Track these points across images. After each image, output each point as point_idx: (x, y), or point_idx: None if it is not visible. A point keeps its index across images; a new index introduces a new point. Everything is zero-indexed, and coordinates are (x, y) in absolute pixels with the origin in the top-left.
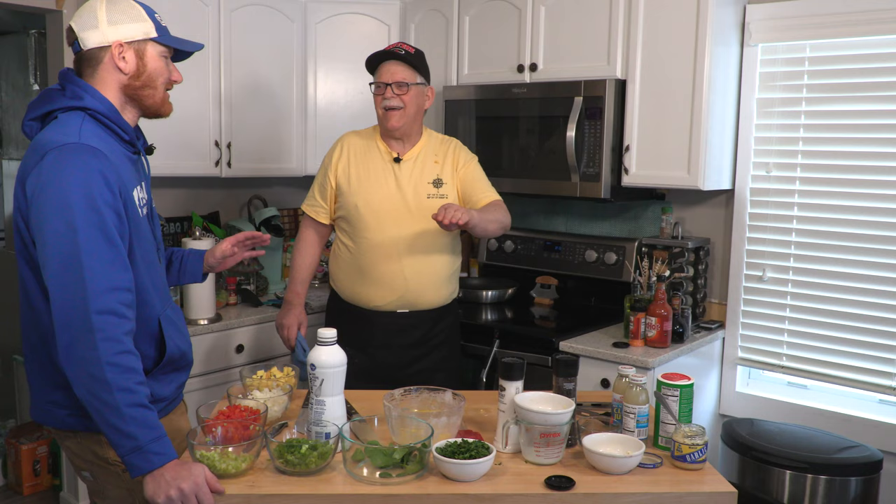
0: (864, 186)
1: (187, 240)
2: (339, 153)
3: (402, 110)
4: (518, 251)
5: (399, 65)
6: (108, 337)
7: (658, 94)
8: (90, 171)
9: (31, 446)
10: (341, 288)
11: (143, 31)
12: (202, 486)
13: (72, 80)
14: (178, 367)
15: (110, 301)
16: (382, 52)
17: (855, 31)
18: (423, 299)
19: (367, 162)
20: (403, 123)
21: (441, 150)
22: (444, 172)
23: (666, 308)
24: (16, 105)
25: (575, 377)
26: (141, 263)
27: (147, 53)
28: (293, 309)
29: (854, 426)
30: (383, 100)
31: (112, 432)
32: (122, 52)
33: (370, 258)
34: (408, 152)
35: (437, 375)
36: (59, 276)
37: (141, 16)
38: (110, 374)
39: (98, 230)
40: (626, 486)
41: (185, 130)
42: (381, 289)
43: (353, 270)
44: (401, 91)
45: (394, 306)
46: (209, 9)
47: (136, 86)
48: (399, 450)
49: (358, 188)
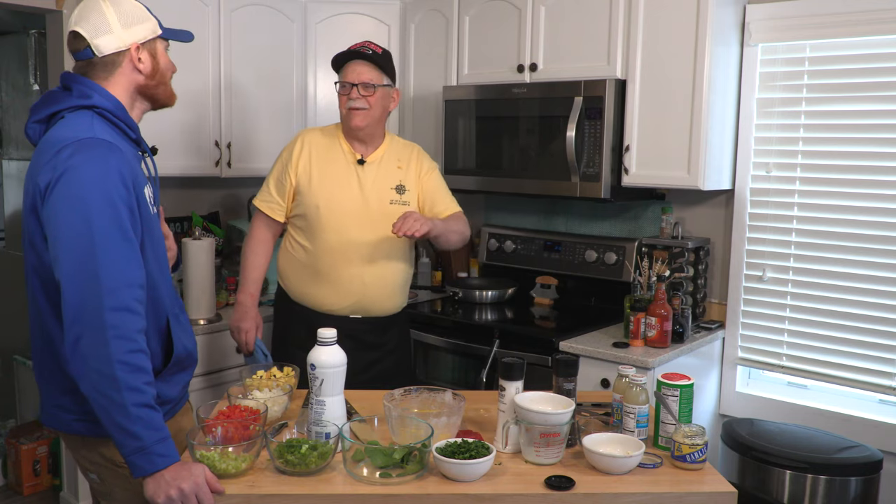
0: (864, 186)
1: (187, 240)
2: (300, 150)
3: (368, 111)
4: (518, 251)
5: (366, 65)
6: (120, 334)
7: (658, 94)
8: (107, 166)
9: (31, 446)
10: (290, 287)
11: (152, 30)
12: (202, 486)
13: (78, 81)
14: (185, 367)
15: (125, 298)
16: (349, 52)
17: (855, 31)
18: (377, 306)
19: (330, 161)
20: (368, 124)
21: (404, 155)
22: (407, 179)
23: (666, 308)
24: (16, 105)
25: (575, 377)
26: (152, 260)
27: (158, 51)
28: (248, 311)
29: (854, 426)
30: (348, 100)
31: (117, 431)
32: (140, 53)
33: (328, 261)
34: (371, 154)
35: (396, 379)
36: (73, 271)
37: (146, 14)
38: (120, 372)
39: (114, 225)
40: (626, 486)
41: (185, 130)
42: (337, 292)
43: (306, 271)
44: (367, 92)
45: (347, 311)
46: (209, 9)
47: (152, 85)
48: (399, 450)
49: (320, 188)
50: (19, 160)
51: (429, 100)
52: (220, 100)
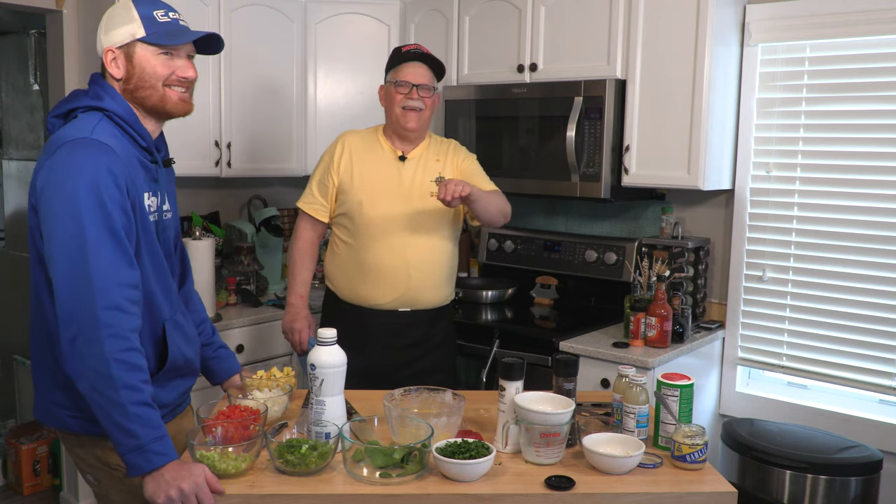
0: (864, 186)
1: (187, 240)
2: (342, 150)
3: (422, 112)
4: (518, 251)
5: (424, 67)
6: (114, 333)
7: (658, 94)
8: (98, 165)
9: (31, 446)
10: (339, 287)
11: (130, 33)
12: (202, 486)
13: (97, 82)
14: (183, 375)
15: (116, 297)
16: (410, 52)
17: (855, 31)
18: (423, 298)
19: (371, 159)
20: (421, 125)
21: (442, 150)
22: (445, 171)
23: (666, 308)
24: (16, 105)
25: (575, 377)
26: (149, 265)
27: (136, 55)
28: (300, 311)
29: (854, 426)
30: (406, 99)
31: (115, 429)
32: (114, 56)
33: (373, 256)
34: (412, 151)
35: (434, 376)
36: (65, 270)
37: (130, 16)
38: (116, 370)
39: (103, 226)
40: (626, 486)
41: (185, 130)
42: (384, 286)
43: (353, 268)
44: (425, 94)
45: (395, 305)
46: (209, 9)
47: (130, 89)
48: (399, 450)
49: (361, 185)
50: (19, 160)
51: None
52: (220, 100)
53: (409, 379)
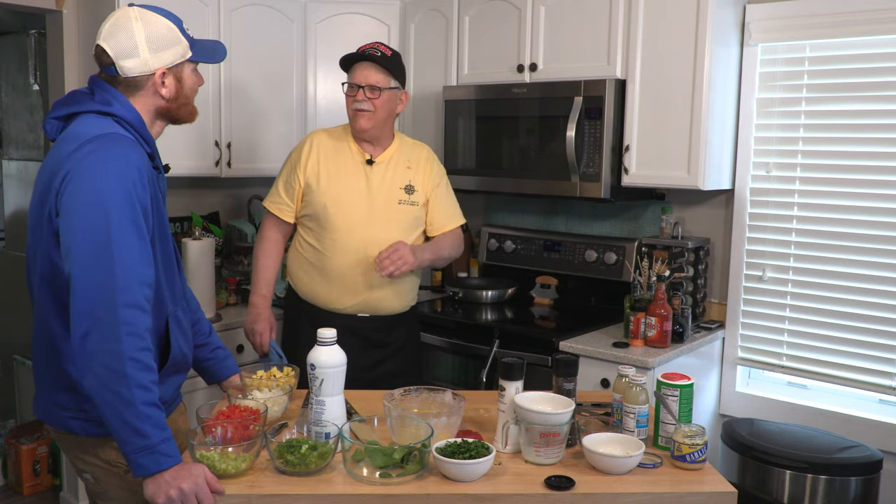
0: (864, 186)
1: (187, 240)
2: (309, 150)
3: (373, 113)
4: (518, 251)
5: (373, 67)
6: (132, 332)
7: (658, 94)
8: (129, 162)
9: (31, 446)
10: (300, 286)
11: (181, 54)
12: (202, 486)
13: (102, 87)
14: (179, 370)
15: (137, 295)
16: (357, 53)
17: (854, 31)
18: (383, 305)
19: (338, 161)
20: (372, 126)
21: (414, 156)
22: (416, 179)
23: (666, 308)
24: (16, 105)
25: (575, 377)
26: (161, 261)
27: (184, 74)
28: (262, 313)
29: (854, 426)
30: (354, 101)
31: (123, 429)
32: (164, 78)
33: (336, 259)
34: (380, 155)
35: (399, 379)
36: (87, 265)
37: (177, 37)
38: (131, 369)
39: (130, 222)
40: (626, 486)
41: (185, 130)
42: (344, 291)
43: (315, 270)
44: (373, 95)
45: (354, 309)
46: (209, 9)
47: (174, 108)
48: (399, 450)
49: (328, 188)
50: (19, 160)
51: (429, 100)
52: (220, 100)
53: (375, 381)
